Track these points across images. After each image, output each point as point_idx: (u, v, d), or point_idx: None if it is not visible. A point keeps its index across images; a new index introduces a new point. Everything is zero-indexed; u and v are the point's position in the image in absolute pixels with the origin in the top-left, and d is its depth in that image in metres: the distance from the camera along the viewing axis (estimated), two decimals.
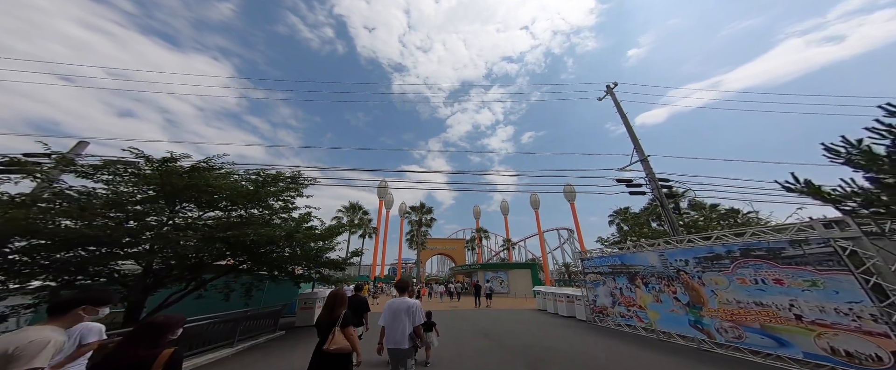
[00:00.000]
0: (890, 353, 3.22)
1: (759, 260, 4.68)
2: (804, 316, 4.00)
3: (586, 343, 5.70)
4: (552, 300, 11.07)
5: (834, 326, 3.69)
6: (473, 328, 7.46)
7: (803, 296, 4.05)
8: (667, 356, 4.82)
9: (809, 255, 4.08)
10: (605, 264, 8.41)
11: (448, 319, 9.09)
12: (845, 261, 3.69)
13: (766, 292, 4.51)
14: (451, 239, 47.13)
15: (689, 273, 5.83)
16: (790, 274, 4.25)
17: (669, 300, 6.15)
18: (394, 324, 2.45)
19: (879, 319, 3.31)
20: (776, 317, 4.30)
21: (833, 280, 3.79)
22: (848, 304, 3.60)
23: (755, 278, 4.68)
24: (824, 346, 3.75)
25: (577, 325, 7.95)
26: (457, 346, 5.37)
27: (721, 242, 5.45)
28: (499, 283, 21.42)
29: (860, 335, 3.47)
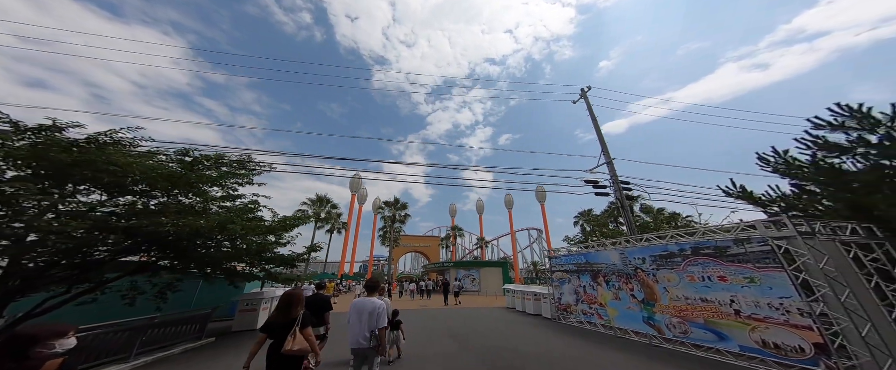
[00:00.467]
0: (812, 345, 3.55)
1: (707, 258, 5.02)
2: (742, 311, 4.34)
3: (550, 343, 5.72)
4: (520, 298, 11.31)
5: (766, 320, 4.04)
6: (441, 328, 7.32)
7: (742, 292, 4.40)
8: (621, 352, 4.98)
9: (750, 253, 4.43)
10: (571, 262, 8.70)
11: (416, 318, 8.90)
12: (780, 259, 4.04)
13: (710, 289, 4.85)
14: (425, 236, 47.02)
15: (645, 270, 6.15)
16: (733, 271, 4.60)
17: (627, 297, 6.47)
18: (357, 323, 2.50)
19: (805, 313, 3.66)
20: (718, 313, 4.65)
21: (768, 276, 4.14)
22: (779, 299, 3.95)
23: (702, 275, 5.03)
24: (757, 339, 4.09)
25: (542, 324, 8.07)
26: (421, 348, 5.19)
27: (675, 241, 5.81)
28: (471, 281, 21.74)
29: (788, 328, 3.80)
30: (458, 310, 11.30)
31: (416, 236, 45.18)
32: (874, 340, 3.28)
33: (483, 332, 6.73)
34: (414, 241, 43.53)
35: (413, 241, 43.51)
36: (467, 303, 14.97)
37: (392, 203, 27.23)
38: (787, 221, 4.12)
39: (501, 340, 5.87)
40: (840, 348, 3.37)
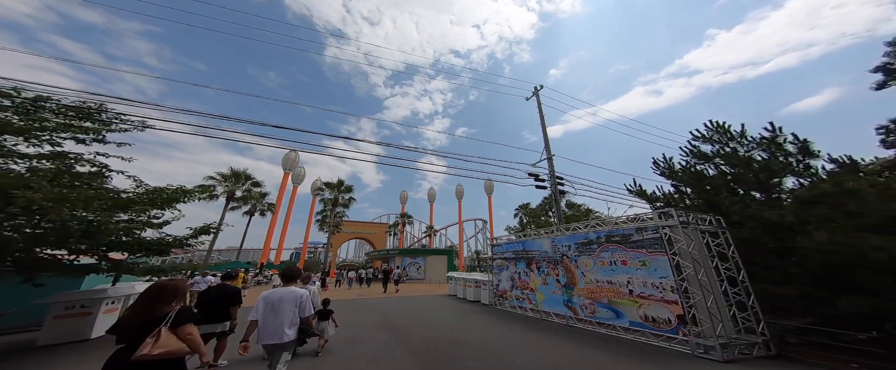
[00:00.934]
0: (676, 316, 4.60)
1: (615, 244, 5.95)
2: (634, 290, 5.35)
3: (487, 330, 6.05)
4: (462, 285, 11.90)
5: (649, 298, 5.07)
6: (377, 319, 7.21)
7: (636, 274, 5.40)
8: (546, 334, 5.60)
9: (646, 240, 5.39)
10: (510, 250, 9.40)
11: (351, 309, 8.68)
12: (664, 245, 5.03)
13: (615, 272, 5.83)
14: (372, 223, 45.13)
15: (570, 257, 7.02)
16: (632, 256, 5.57)
17: (553, 282, 7.35)
18: (273, 317, 2.43)
19: (674, 290, 4.70)
20: (618, 293, 5.64)
21: (656, 260, 5.13)
22: (660, 279, 4.97)
23: (611, 260, 5.97)
24: (642, 315, 5.12)
25: (480, 310, 8.66)
26: (351, 342, 4.99)
27: (594, 230, 6.73)
28: (416, 269, 22.12)
29: (662, 304, 4.84)
30: (398, 299, 11.35)
31: (362, 222, 43.01)
32: (713, 309, 4.39)
33: (422, 322, 6.80)
34: (358, 228, 41.35)
35: (357, 228, 41.26)
36: (411, 291, 15.13)
37: (335, 185, 24.34)
38: (672, 213, 5.09)
39: (439, 330, 5.98)
40: (693, 318, 4.44)
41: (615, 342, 5.02)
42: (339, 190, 24.86)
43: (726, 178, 6.27)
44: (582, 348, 4.68)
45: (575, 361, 4.02)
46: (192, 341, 1.76)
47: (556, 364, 3.92)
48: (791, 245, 4.88)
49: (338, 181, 24.85)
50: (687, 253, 4.76)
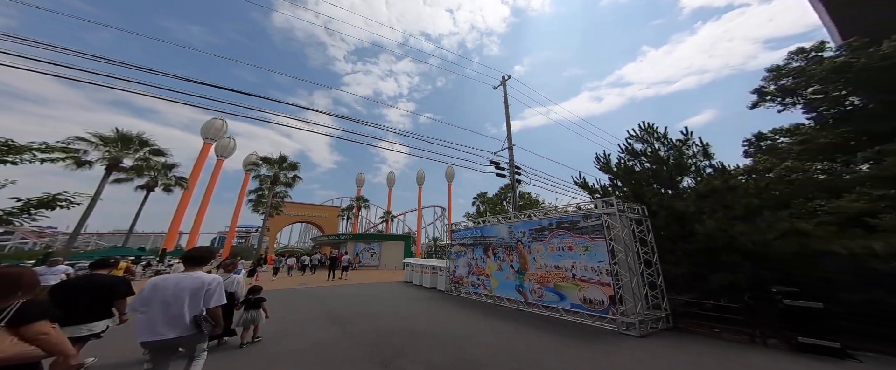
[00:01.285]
0: (608, 297, 5.22)
1: (564, 231, 6.47)
2: (577, 274, 5.96)
3: (442, 318, 6.13)
4: (419, 272, 11.98)
5: (588, 281, 5.71)
6: (321, 310, 6.90)
7: (579, 259, 6.00)
8: (500, 320, 5.90)
9: (590, 227, 5.95)
10: (469, 235, 9.62)
11: (289, 299, 8.29)
12: (605, 231, 5.63)
13: (562, 257, 6.40)
14: (321, 206, 42.15)
15: (524, 243, 7.46)
16: (578, 241, 6.13)
17: (507, 267, 7.80)
18: (160, 308, 2.06)
19: (609, 273, 5.38)
20: (563, 277, 6.24)
21: (596, 245, 5.73)
22: (598, 263, 5.60)
23: (560, 246, 6.52)
24: (582, 297, 5.73)
25: (436, 297, 8.88)
26: (283, 338, 4.63)
27: (547, 217, 7.23)
28: (370, 255, 21.61)
29: (599, 286, 5.46)
30: (346, 288, 11.10)
31: (309, 205, 39.79)
32: (636, 290, 5.14)
33: (372, 311, 6.70)
34: (305, 210, 38.16)
35: (304, 210, 38.04)
36: (363, 278, 14.77)
37: (275, 160, 21.32)
38: (613, 202, 5.66)
39: (392, 320, 5.94)
40: (620, 299, 5.14)
41: (558, 324, 5.50)
42: (280, 166, 22.07)
43: (649, 173, 7.41)
44: (527, 331, 5.04)
45: (520, 345, 4.29)
46: (46, 342, 1.50)
47: (504, 348, 4.13)
48: (691, 231, 6.00)
49: (280, 156, 21.91)
50: (621, 238, 5.39)
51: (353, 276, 15.39)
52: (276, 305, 6.34)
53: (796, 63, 10.48)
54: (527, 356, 3.79)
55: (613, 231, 5.47)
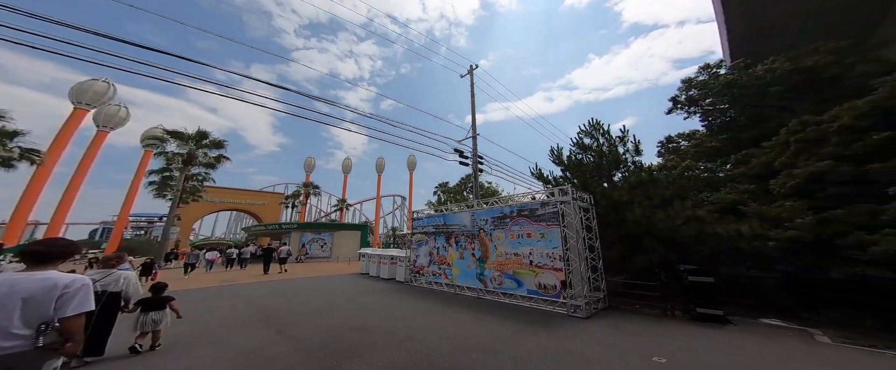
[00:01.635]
0: (560, 282, 5.67)
1: (524, 218, 6.72)
2: (534, 260, 6.30)
3: (401, 310, 5.81)
4: (376, 262, 11.36)
5: (543, 267, 6.09)
6: (251, 310, 5.92)
7: (536, 246, 6.34)
8: (455, 308, 5.87)
9: (547, 214, 6.27)
10: (431, 224, 9.36)
11: (210, 299, 7.04)
12: (560, 219, 6.02)
13: (521, 244, 6.67)
14: (258, 191, 36.46)
15: (486, 231, 7.55)
16: (536, 229, 6.44)
17: (469, 256, 7.84)
18: None
19: (561, 258, 5.82)
20: (522, 264, 6.53)
21: (552, 232, 6.09)
22: (552, 249, 5.99)
23: (519, 233, 6.76)
24: (538, 283, 6.08)
25: (394, 289, 8.53)
26: (194, 350, 3.74)
27: (508, 204, 7.41)
28: (321, 246, 19.80)
29: (552, 271, 5.85)
30: (287, 283, 9.89)
31: (242, 190, 33.96)
32: (583, 273, 5.65)
33: (319, 308, 6.00)
34: (237, 197, 32.69)
35: (235, 197, 32.51)
36: (310, 271, 13.35)
37: (190, 136, 17.01)
38: (568, 190, 6.04)
39: (343, 316, 5.40)
40: (570, 283, 5.61)
41: (516, 311, 5.74)
42: (197, 143, 17.86)
43: (592, 165, 8.40)
44: (488, 320, 5.11)
45: (482, 335, 4.28)
46: None
47: (465, 339, 4.05)
48: (623, 218, 6.95)
49: (197, 131, 17.68)
50: (573, 225, 5.82)
51: (298, 270, 13.85)
52: (189, 308, 5.23)
53: (702, 77, 12.80)
54: (489, 347, 3.78)
55: (567, 218, 5.83)
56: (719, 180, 9.87)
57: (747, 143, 10.44)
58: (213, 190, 31.40)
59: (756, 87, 10.46)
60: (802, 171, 5.68)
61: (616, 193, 7.13)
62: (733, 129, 11.85)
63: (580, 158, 8.96)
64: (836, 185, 5.26)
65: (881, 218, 4.44)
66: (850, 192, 5.08)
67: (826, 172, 5.32)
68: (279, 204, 36.28)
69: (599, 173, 8.59)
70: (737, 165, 9.13)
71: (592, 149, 8.86)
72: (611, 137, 8.79)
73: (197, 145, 18.22)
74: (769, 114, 10.71)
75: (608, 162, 8.56)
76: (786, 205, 5.60)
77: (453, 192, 21.76)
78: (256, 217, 34.51)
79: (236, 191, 34.90)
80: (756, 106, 11.06)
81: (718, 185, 9.50)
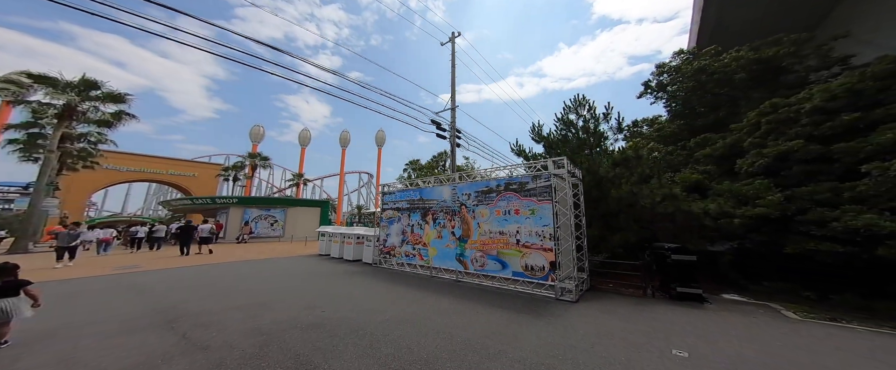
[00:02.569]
0: (549, 263, 5.24)
1: (512, 192, 6.04)
2: (521, 240, 5.77)
3: (369, 298, 4.86)
4: (339, 242, 10.07)
5: (531, 246, 5.59)
6: (148, 306, 4.31)
7: (525, 224, 5.78)
8: (432, 294, 5.17)
9: (538, 188, 5.70)
10: (405, 199, 8.27)
11: (93, 292, 5.12)
12: (552, 193, 5.46)
13: (507, 221, 6.06)
14: (186, 161, 30.46)
15: (468, 207, 6.76)
16: (525, 204, 5.84)
17: (448, 235, 7.05)
18: None
19: (551, 237, 5.36)
20: (507, 244, 5.96)
21: (543, 208, 5.54)
22: (542, 227, 5.48)
23: (506, 209, 6.12)
24: (524, 264, 5.56)
25: (360, 272, 7.54)
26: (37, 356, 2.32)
27: (495, 178, 6.65)
28: (270, 224, 17.28)
29: (541, 252, 5.35)
30: (214, 268, 8.06)
31: (161, 158, 27.97)
32: (573, 253, 5.28)
33: (257, 300, 4.69)
34: (153, 165, 26.89)
35: (150, 165, 26.71)
36: (250, 253, 11.37)
37: (71, 84, 12.52)
38: (564, 161, 5.47)
39: (291, 310, 4.28)
40: (559, 264, 5.21)
41: (500, 296, 5.27)
42: (81, 93, 13.30)
43: (574, 142, 8.32)
44: (476, 309, 4.54)
45: (474, 328, 3.63)
46: None
47: (456, 335, 3.37)
48: (604, 195, 6.82)
49: (82, 79, 13.06)
50: (566, 201, 5.32)
51: (237, 251, 11.79)
52: (55, 303, 3.90)
53: (675, 63, 13.19)
54: (484, 345, 3.16)
55: (559, 193, 5.28)
56: (678, 162, 10.55)
57: (700, 129, 11.28)
58: (119, 156, 24.94)
59: (722, 74, 11.02)
60: (773, 149, 5.92)
61: (601, 169, 6.83)
62: (689, 117, 12.70)
63: (564, 134, 8.73)
64: (802, 163, 5.56)
65: (845, 195, 4.73)
66: (814, 170, 5.39)
67: (795, 151, 5.56)
68: (216, 176, 30.74)
69: (581, 150, 8.41)
70: (697, 147, 9.71)
71: (577, 125, 8.66)
72: (596, 114, 8.70)
73: (81, 96, 13.47)
74: (723, 102, 11.59)
75: (594, 138, 8.36)
76: (754, 183, 5.84)
77: (426, 170, 20.54)
78: (184, 191, 28.89)
79: (153, 159, 28.37)
80: (715, 93, 11.82)
81: (678, 166, 10.18)
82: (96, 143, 16.32)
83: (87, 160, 17.09)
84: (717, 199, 6.36)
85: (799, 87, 8.25)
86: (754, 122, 6.77)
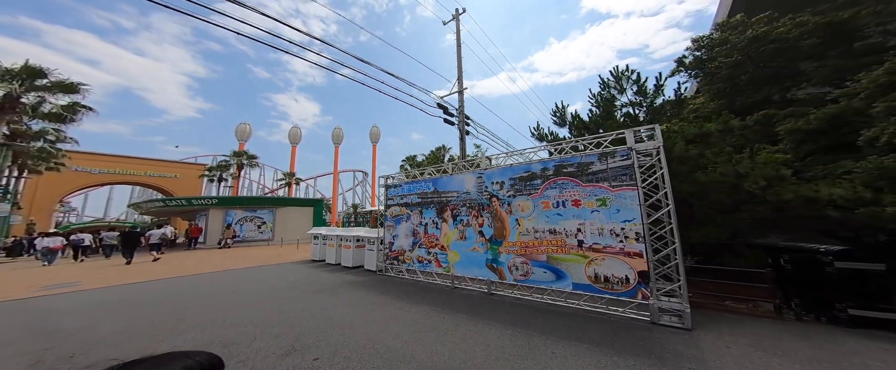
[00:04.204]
0: (636, 273, 3.67)
1: (567, 177, 4.55)
2: (586, 241, 4.28)
3: (373, 320, 3.37)
4: (335, 246, 8.56)
5: (605, 250, 4.04)
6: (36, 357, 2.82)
7: (591, 218, 4.28)
8: (454, 313, 3.73)
9: (610, 170, 4.23)
10: (415, 192, 6.79)
11: None
12: (636, 174, 3.97)
13: (562, 217, 4.55)
14: (166, 161, 28.85)
15: (501, 199, 5.27)
16: (588, 193, 4.33)
17: (473, 235, 5.54)
18: None
19: (640, 237, 3.82)
20: (563, 246, 4.43)
21: (621, 196, 4.01)
22: (623, 224, 3.96)
23: (558, 200, 4.62)
24: (591, 274, 4.02)
25: (361, 284, 6.04)
26: None
27: (539, 159, 5.18)
28: (257, 226, 15.63)
29: (621, 257, 3.80)
30: (168, 284, 6.21)
31: (137, 159, 26.40)
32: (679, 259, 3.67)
33: (220, 334, 3.22)
34: (128, 166, 25.31)
35: (125, 166, 25.13)
36: (226, 261, 9.78)
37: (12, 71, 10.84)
38: (657, 130, 3.96)
39: (269, 354, 2.82)
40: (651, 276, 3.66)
41: (558, 315, 3.85)
42: (24, 82, 11.78)
43: (631, 118, 7.15)
44: (540, 341, 3.08)
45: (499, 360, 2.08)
46: None
47: None
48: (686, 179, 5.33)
49: (24, 66, 11.49)
50: (664, 186, 3.83)
51: (214, 258, 10.12)
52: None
53: (717, 35, 11.78)
54: None
55: (656, 174, 3.89)
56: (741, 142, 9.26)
57: (740, 110, 9.93)
58: (88, 157, 23.15)
59: (780, 43, 9.61)
60: None
61: (676, 147, 5.34)
62: (730, 95, 11.32)
63: (605, 112, 7.53)
64: None
65: None
66: None
67: None
68: (199, 177, 28.93)
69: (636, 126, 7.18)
70: (758, 126, 8.35)
71: (614, 102, 7.53)
72: (645, 87, 7.41)
73: (24, 86, 11.82)
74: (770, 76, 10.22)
75: (650, 114, 7.01)
76: None
77: (429, 162, 18.96)
78: (166, 193, 27.10)
79: (128, 160, 26.55)
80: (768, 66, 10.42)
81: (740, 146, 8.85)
82: (55, 142, 14.60)
83: (50, 162, 15.32)
84: (846, 184, 4.79)
85: (876, 53, 6.92)
86: (883, 82, 5.30)
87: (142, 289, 5.78)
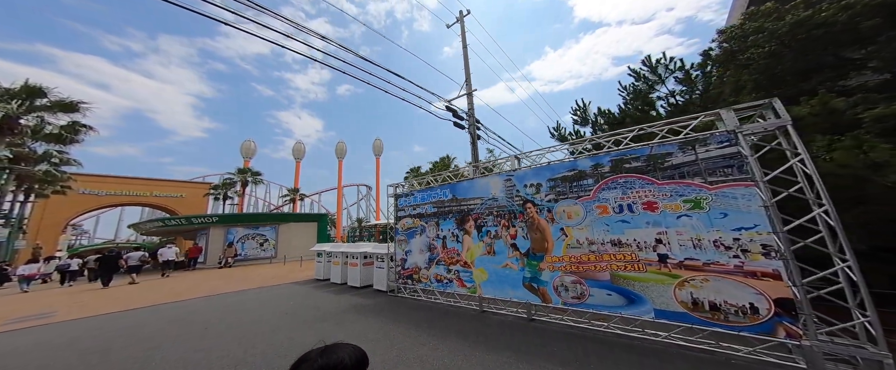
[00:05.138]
0: (771, 301, 2.51)
1: (632, 174, 3.54)
2: (671, 255, 3.14)
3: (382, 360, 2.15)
4: (340, 263, 7.60)
5: (706, 267, 2.87)
6: None
7: (677, 226, 3.19)
8: (487, 352, 2.65)
9: (702, 161, 3.18)
10: (429, 201, 5.79)
11: None
12: (751, 164, 2.83)
13: (629, 224, 3.47)
14: (171, 181, 28.91)
15: (538, 204, 4.21)
16: (668, 192, 3.30)
17: (505, 249, 4.44)
18: None
19: (773, 252, 2.61)
20: (634, 263, 3.32)
21: (724, 195, 2.96)
22: (735, 232, 2.82)
23: (621, 204, 3.55)
24: (685, 298, 2.89)
25: (367, 307, 4.99)
26: None
27: (587, 154, 4.16)
28: (259, 244, 14.71)
29: (738, 278, 2.66)
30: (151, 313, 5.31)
31: (143, 179, 26.53)
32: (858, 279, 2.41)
33: None
34: (134, 187, 25.41)
35: (132, 187, 25.23)
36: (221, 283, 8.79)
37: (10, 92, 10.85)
38: (776, 106, 2.90)
39: None
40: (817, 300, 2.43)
41: (639, 354, 2.72)
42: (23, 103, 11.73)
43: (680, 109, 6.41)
44: None
45: None
46: None
47: None
48: None
49: (24, 86, 11.47)
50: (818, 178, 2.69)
51: (212, 279, 9.25)
52: None
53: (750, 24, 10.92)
54: None
55: (795, 159, 2.74)
56: None
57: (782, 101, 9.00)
58: (94, 179, 23.22)
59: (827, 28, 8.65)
60: None
61: None
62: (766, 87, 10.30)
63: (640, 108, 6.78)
64: None
65: None
66: None
67: None
68: (204, 196, 28.71)
69: None
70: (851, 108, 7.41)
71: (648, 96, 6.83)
72: (691, 74, 6.64)
73: (23, 107, 11.69)
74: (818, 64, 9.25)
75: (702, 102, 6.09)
76: None
77: (437, 169, 18.04)
78: (172, 213, 26.87)
79: (135, 181, 26.57)
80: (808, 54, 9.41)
81: None
82: (59, 164, 14.39)
83: (55, 184, 15.07)
84: None
85: None
86: None
87: (114, 325, 4.80)
